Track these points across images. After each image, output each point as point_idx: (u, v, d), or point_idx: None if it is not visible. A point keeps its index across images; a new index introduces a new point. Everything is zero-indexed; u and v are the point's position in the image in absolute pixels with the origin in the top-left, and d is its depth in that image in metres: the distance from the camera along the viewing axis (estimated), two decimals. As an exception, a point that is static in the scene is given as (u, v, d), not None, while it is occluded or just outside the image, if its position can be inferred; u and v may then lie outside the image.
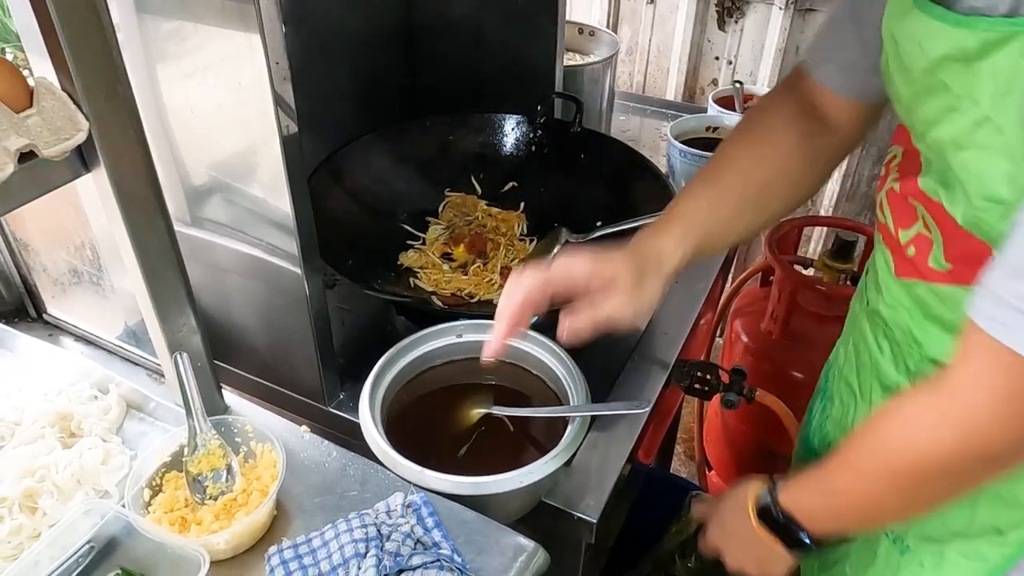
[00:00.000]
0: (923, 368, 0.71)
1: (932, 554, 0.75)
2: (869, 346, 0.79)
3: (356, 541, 0.66)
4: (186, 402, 0.69)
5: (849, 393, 0.84)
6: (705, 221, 0.76)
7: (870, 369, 0.79)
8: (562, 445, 0.75)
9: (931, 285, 0.67)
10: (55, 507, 0.67)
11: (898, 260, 0.71)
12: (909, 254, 0.68)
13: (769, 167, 0.78)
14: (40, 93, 0.54)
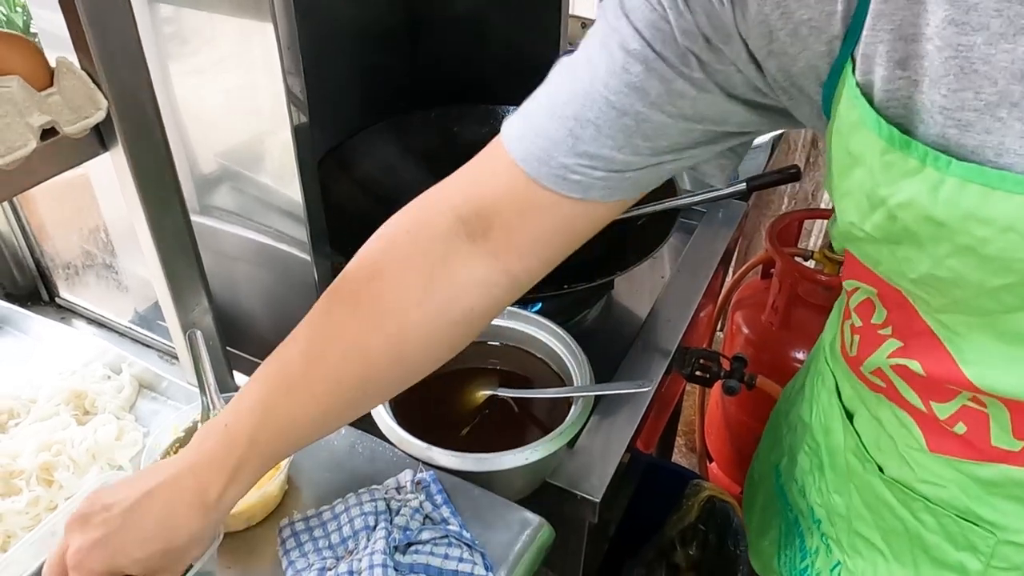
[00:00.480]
0: (1002, 552, 0.55)
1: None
2: (899, 516, 0.60)
3: (366, 515, 0.67)
4: (200, 379, 0.71)
5: (872, 551, 0.65)
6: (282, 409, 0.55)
7: (903, 536, 0.61)
8: (566, 424, 0.76)
9: (998, 466, 0.51)
10: (71, 480, 0.69)
11: (933, 435, 0.54)
12: (958, 432, 0.52)
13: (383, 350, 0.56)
14: (61, 72, 0.55)
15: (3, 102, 0.52)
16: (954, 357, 0.47)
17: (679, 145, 0.51)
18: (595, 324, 1.10)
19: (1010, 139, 0.37)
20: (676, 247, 1.25)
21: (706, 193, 1.07)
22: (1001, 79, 0.36)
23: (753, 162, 1.32)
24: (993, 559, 0.56)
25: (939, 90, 0.38)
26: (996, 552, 0.55)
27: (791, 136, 1.90)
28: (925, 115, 0.39)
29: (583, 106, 0.48)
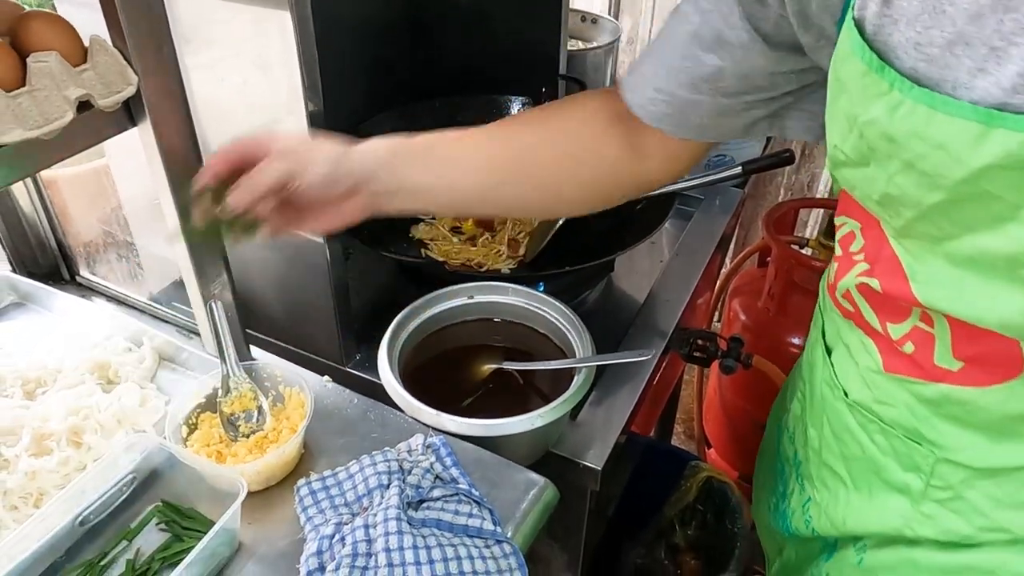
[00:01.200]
0: (940, 470, 0.60)
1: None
2: (859, 440, 0.66)
3: (380, 474, 0.70)
4: (220, 347, 0.74)
5: (836, 480, 0.71)
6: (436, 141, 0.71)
7: (862, 462, 0.67)
8: (570, 391, 0.80)
9: (937, 385, 0.56)
10: (99, 442, 0.72)
11: (888, 355, 0.60)
12: (906, 351, 0.58)
13: (543, 152, 0.71)
14: (94, 49, 0.58)
15: (42, 76, 0.55)
16: (907, 276, 0.53)
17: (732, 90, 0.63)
18: (595, 305, 1.13)
19: (961, 74, 0.43)
20: (674, 233, 1.29)
21: (703, 177, 1.10)
22: (960, 20, 0.42)
23: (749, 150, 1.35)
24: (932, 478, 0.60)
25: (914, 27, 0.44)
26: (935, 471, 0.60)
27: (787, 128, 1.93)
28: (900, 51, 0.46)
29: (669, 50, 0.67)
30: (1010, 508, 0.58)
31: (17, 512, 0.67)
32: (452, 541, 0.66)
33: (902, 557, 0.66)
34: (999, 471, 0.57)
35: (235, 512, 0.64)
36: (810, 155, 1.97)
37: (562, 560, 1.06)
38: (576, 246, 1.12)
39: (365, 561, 0.63)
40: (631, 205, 1.14)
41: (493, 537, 0.67)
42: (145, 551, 0.67)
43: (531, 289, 0.93)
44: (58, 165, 0.92)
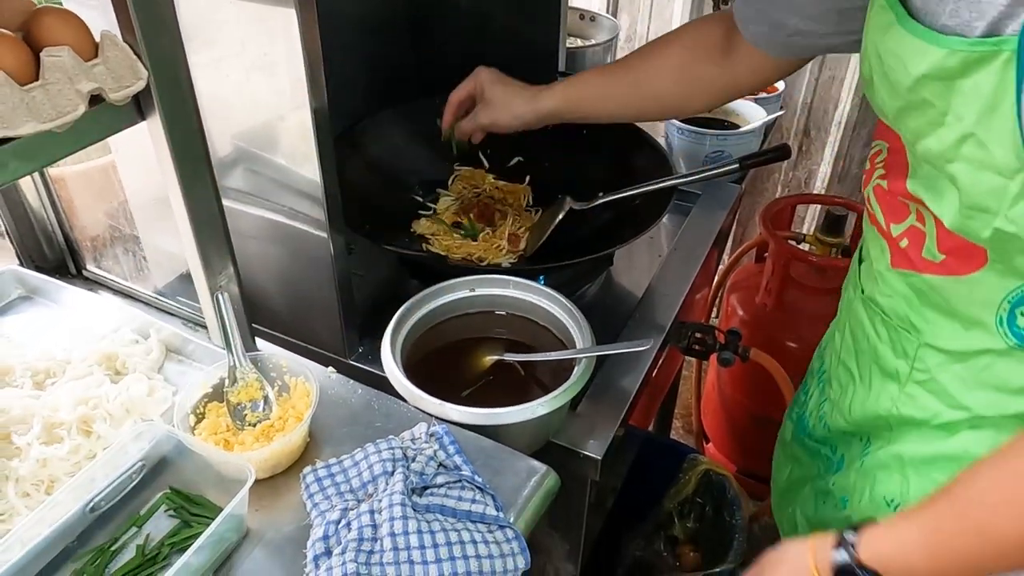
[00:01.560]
0: (922, 354, 0.72)
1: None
2: (867, 333, 0.79)
3: (384, 461, 0.72)
4: (226, 338, 0.75)
5: (848, 376, 0.84)
6: (586, 90, 1.03)
7: (868, 354, 0.79)
8: (571, 381, 0.81)
9: (925, 276, 0.67)
10: (108, 431, 0.73)
11: (893, 251, 0.71)
12: (903, 246, 0.69)
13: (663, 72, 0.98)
14: (105, 44, 0.60)
15: (55, 70, 0.56)
16: (908, 174, 0.66)
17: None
18: (595, 299, 1.15)
19: (941, 10, 0.55)
20: (672, 228, 1.30)
21: (700, 173, 1.11)
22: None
23: (746, 147, 1.37)
24: (915, 362, 0.73)
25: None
26: (918, 355, 0.72)
27: (783, 125, 1.95)
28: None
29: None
30: (971, 389, 0.69)
31: (29, 499, 0.68)
32: (456, 526, 0.68)
33: (891, 454, 0.78)
34: (967, 355, 0.68)
35: (243, 498, 0.65)
36: (807, 151, 1.99)
37: (563, 550, 1.08)
38: (576, 240, 1.13)
39: (371, 545, 0.65)
40: (629, 200, 1.16)
41: (496, 522, 0.69)
42: (154, 537, 0.68)
43: (532, 282, 0.95)
44: (66, 162, 0.94)
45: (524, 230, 1.17)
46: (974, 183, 0.57)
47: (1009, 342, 0.64)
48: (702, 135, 1.33)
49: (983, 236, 0.59)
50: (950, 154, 0.57)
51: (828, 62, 1.85)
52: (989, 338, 0.65)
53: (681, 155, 1.37)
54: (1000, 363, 0.66)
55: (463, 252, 1.12)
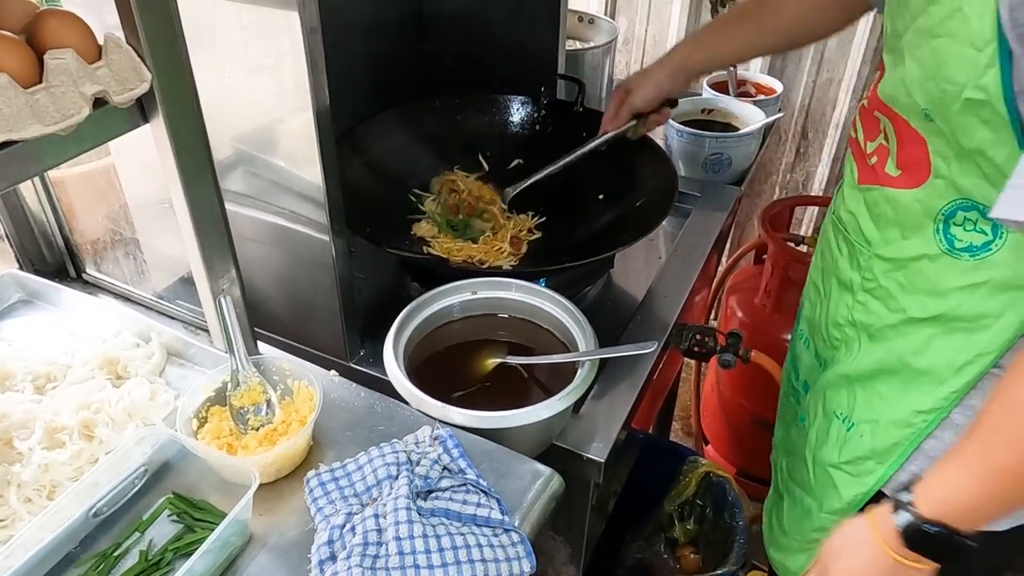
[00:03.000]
0: (871, 264, 0.83)
1: (871, 427, 0.85)
2: (832, 249, 0.91)
3: (388, 465, 0.71)
4: (228, 341, 0.75)
5: (816, 293, 0.96)
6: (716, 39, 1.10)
7: (831, 268, 0.91)
8: (574, 384, 0.81)
9: (884, 189, 0.79)
10: (110, 436, 0.73)
11: (861, 169, 0.83)
12: (871, 163, 0.80)
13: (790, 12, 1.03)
14: (109, 47, 0.59)
15: (59, 72, 0.56)
16: (878, 87, 0.77)
17: None
18: (596, 302, 1.15)
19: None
20: (672, 231, 1.30)
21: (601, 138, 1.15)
22: None
23: (745, 149, 1.37)
24: (865, 271, 0.84)
25: None
26: (867, 265, 0.83)
27: (782, 127, 1.95)
28: None
29: None
30: (907, 292, 0.79)
31: (31, 504, 0.68)
32: (461, 530, 0.67)
33: (839, 373, 0.89)
34: (906, 261, 0.78)
35: (247, 502, 0.65)
36: (805, 153, 1.99)
37: (564, 553, 1.07)
38: (576, 243, 1.13)
39: (376, 550, 0.64)
40: (631, 202, 1.16)
41: (501, 526, 0.69)
42: (158, 542, 0.68)
43: (533, 284, 0.95)
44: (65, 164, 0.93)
45: (525, 233, 1.17)
46: (952, 56, 0.65)
47: (941, 247, 0.75)
48: (702, 138, 1.33)
49: (953, 109, 0.66)
50: (937, 29, 0.65)
51: (826, 64, 1.85)
52: (925, 244, 0.76)
53: (681, 157, 1.37)
54: (931, 267, 0.76)
55: (463, 255, 1.12)
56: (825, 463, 0.91)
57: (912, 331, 0.80)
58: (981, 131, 0.66)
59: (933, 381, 0.79)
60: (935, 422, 0.80)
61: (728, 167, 1.36)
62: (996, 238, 0.71)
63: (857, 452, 0.86)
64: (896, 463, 0.83)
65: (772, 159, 2.03)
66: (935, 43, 0.66)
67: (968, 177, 0.70)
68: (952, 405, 0.78)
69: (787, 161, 2.02)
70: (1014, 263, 0.71)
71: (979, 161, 0.68)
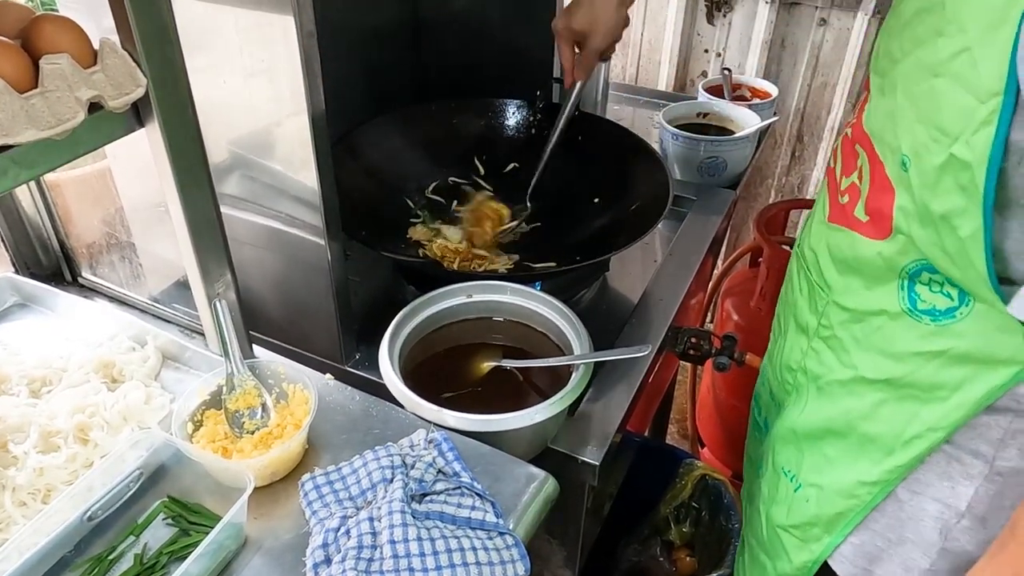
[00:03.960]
0: (828, 311, 0.78)
1: (816, 492, 0.82)
2: (793, 285, 0.87)
3: (383, 468, 0.72)
4: (224, 345, 0.75)
5: (777, 329, 0.93)
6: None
7: (791, 306, 0.87)
8: (569, 387, 0.81)
9: (850, 233, 0.73)
10: (105, 439, 0.73)
11: (832, 205, 0.77)
12: (842, 201, 0.75)
13: None
14: (104, 52, 0.60)
15: (54, 77, 0.56)
16: (865, 112, 0.71)
17: None
18: (591, 305, 1.15)
19: None
20: (667, 234, 1.30)
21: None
22: None
23: (741, 153, 1.38)
24: (822, 318, 0.80)
25: None
26: (825, 311, 0.79)
27: (777, 131, 1.96)
28: None
29: None
30: (862, 349, 0.75)
31: (26, 508, 0.68)
32: (455, 533, 0.67)
33: (786, 427, 0.87)
34: (865, 314, 0.74)
35: (242, 506, 0.65)
36: (800, 157, 2.00)
37: (560, 556, 1.08)
38: (572, 246, 1.14)
39: (371, 553, 0.65)
40: (626, 206, 1.16)
41: (495, 529, 0.69)
42: (152, 546, 0.68)
43: (529, 288, 0.95)
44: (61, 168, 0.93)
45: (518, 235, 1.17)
46: (950, 102, 0.57)
47: (903, 305, 0.70)
48: (697, 141, 1.34)
49: (934, 163, 0.59)
50: (939, 68, 0.58)
51: (821, 68, 1.86)
52: (887, 299, 0.71)
53: (675, 161, 1.38)
54: (889, 325, 0.72)
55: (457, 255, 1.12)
56: (774, 522, 0.88)
57: (862, 392, 0.76)
58: (954, 197, 0.59)
59: (880, 450, 0.75)
60: (880, 495, 0.76)
61: (723, 171, 1.36)
62: (962, 305, 0.65)
63: (803, 517, 0.83)
64: (842, 533, 0.80)
65: (767, 163, 2.04)
66: (935, 83, 0.59)
67: (927, 245, 0.64)
68: (899, 479, 0.75)
69: (782, 164, 2.02)
70: (977, 335, 0.65)
71: (942, 231, 0.61)
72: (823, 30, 1.81)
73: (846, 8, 1.75)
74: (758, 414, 1.02)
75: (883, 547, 0.79)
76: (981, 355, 0.66)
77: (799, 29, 1.84)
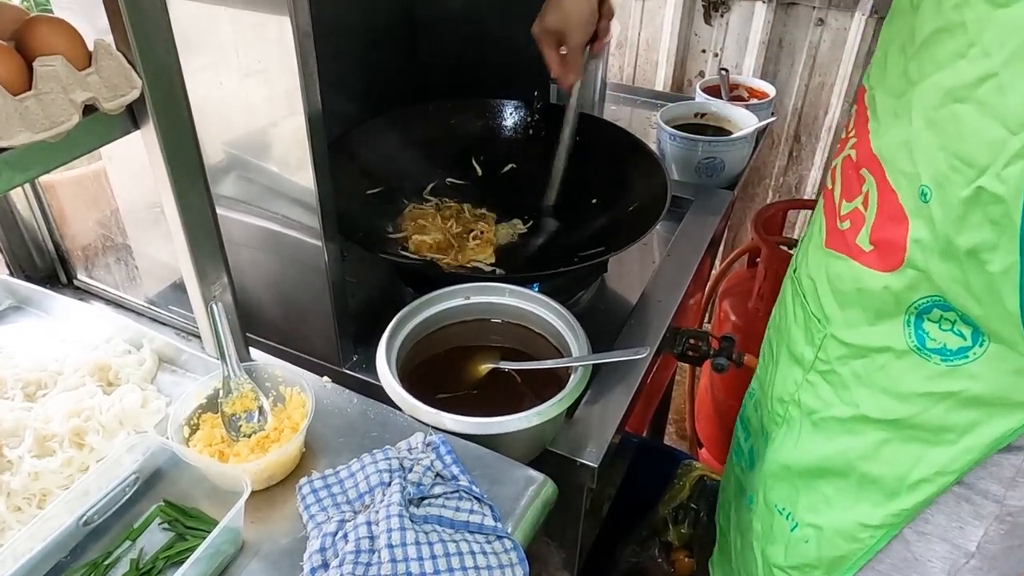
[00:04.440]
0: (827, 344, 0.73)
1: (815, 533, 0.80)
2: (787, 312, 0.81)
3: (381, 472, 0.71)
4: (220, 348, 0.74)
5: (768, 354, 0.88)
6: None
7: (784, 333, 0.82)
8: (567, 390, 0.81)
9: (851, 263, 0.68)
10: (101, 443, 0.72)
11: (830, 231, 0.72)
12: (842, 227, 0.69)
13: None
14: (99, 54, 0.59)
15: (48, 79, 0.56)
16: (870, 131, 0.66)
17: None
18: (589, 306, 1.15)
19: None
20: (665, 235, 1.30)
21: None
22: None
23: (739, 154, 1.37)
24: (820, 351, 0.75)
25: None
26: (823, 344, 0.74)
27: (774, 131, 1.96)
28: None
29: None
30: (864, 386, 0.71)
31: (21, 513, 0.68)
32: (454, 537, 0.67)
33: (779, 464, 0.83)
34: (868, 350, 0.69)
35: (239, 510, 0.65)
36: (798, 157, 2.00)
37: (559, 558, 1.07)
38: (570, 247, 1.13)
39: (368, 557, 0.64)
40: (624, 207, 1.16)
41: (494, 533, 0.68)
42: (149, 551, 0.67)
43: (527, 289, 0.95)
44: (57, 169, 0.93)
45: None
46: (975, 131, 0.53)
47: (910, 343, 0.66)
48: (695, 142, 1.33)
49: (960, 196, 0.55)
50: (962, 92, 0.53)
51: (818, 68, 1.86)
52: (892, 336, 0.67)
53: (674, 162, 1.38)
54: (895, 364, 0.68)
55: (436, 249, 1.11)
56: (771, 563, 0.86)
57: (863, 431, 0.72)
58: (984, 231, 0.55)
59: (883, 493, 0.72)
60: (884, 539, 0.73)
61: (721, 171, 1.36)
62: (976, 345, 0.62)
63: (803, 558, 0.81)
64: (845, 575, 0.78)
65: (765, 163, 2.04)
66: (958, 108, 0.54)
67: (946, 280, 0.60)
68: (904, 522, 0.72)
69: (780, 165, 2.02)
70: (991, 377, 0.62)
71: (967, 267, 0.57)
72: (820, 30, 1.81)
73: (843, 8, 1.75)
74: (744, 440, 0.97)
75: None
76: (995, 398, 0.62)
77: (796, 29, 1.83)
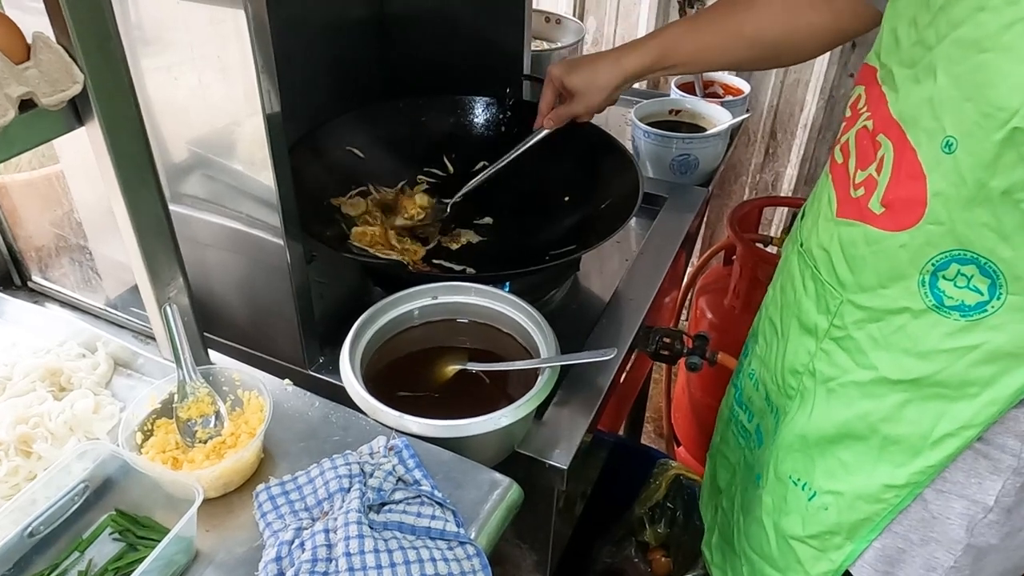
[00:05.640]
0: (842, 310, 0.74)
1: (835, 499, 0.80)
2: (795, 285, 0.82)
3: (340, 477, 0.69)
4: (175, 352, 0.72)
5: (772, 331, 0.88)
6: (679, 41, 0.99)
7: (792, 307, 0.83)
8: (535, 390, 0.79)
9: (865, 227, 0.70)
10: (50, 451, 0.70)
11: (842, 200, 0.74)
12: (856, 195, 0.71)
13: (766, 18, 0.93)
14: (37, 47, 0.57)
15: (-18, 73, 0.53)
16: (888, 101, 0.67)
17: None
18: (562, 304, 1.13)
19: None
20: (640, 232, 1.29)
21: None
22: None
23: (713, 150, 1.36)
24: (835, 318, 0.75)
25: None
26: (839, 311, 0.75)
27: (750, 128, 1.95)
28: None
29: None
30: (881, 348, 0.72)
31: (-37, 525, 0.65)
32: (414, 544, 0.65)
33: (794, 434, 0.83)
34: (884, 312, 0.70)
35: (191, 519, 0.63)
36: (774, 154, 2.00)
37: (531, 561, 1.06)
38: (541, 245, 1.12)
39: (325, 567, 0.62)
40: (596, 203, 1.15)
41: (456, 539, 0.67)
42: (98, 562, 0.65)
43: (495, 289, 0.93)
44: (9, 171, 0.90)
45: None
46: (1005, 74, 0.55)
47: (927, 302, 0.67)
48: (669, 139, 1.32)
49: (993, 139, 0.57)
50: (987, 43, 0.55)
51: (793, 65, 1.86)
52: (908, 297, 0.68)
53: (648, 158, 1.37)
54: (913, 324, 0.69)
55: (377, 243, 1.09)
56: (787, 534, 0.85)
57: (882, 393, 0.73)
58: (1019, 170, 0.57)
59: (906, 452, 0.73)
60: (909, 497, 0.74)
61: (696, 168, 1.35)
62: (993, 298, 0.63)
63: (822, 526, 0.81)
64: (866, 539, 0.78)
65: (741, 160, 2.04)
66: (982, 58, 0.56)
67: (974, 227, 0.61)
68: (929, 480, 0.73)
69: (756, 162, 2.02)
70: (1012, 328, 0.64)
71: (1000, 209, 0.59)
72: (796, 27, 1.80)
73: (818, 4, 1.75)
74: (748, 420, 0.97)
75: (905, 548, 0.78)
76: (1016, 348, 0.64)
77: (772, 26, 1.83)
